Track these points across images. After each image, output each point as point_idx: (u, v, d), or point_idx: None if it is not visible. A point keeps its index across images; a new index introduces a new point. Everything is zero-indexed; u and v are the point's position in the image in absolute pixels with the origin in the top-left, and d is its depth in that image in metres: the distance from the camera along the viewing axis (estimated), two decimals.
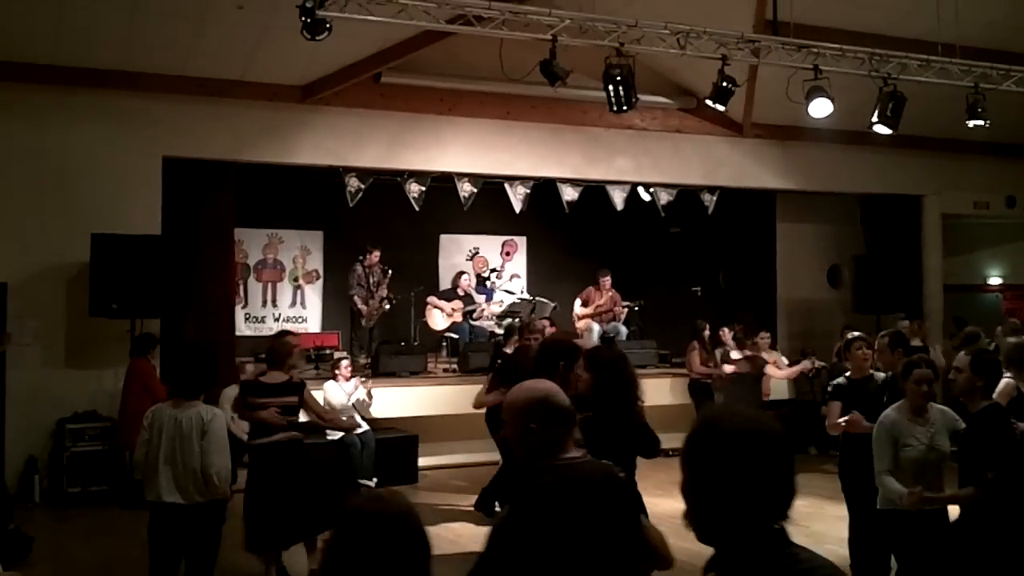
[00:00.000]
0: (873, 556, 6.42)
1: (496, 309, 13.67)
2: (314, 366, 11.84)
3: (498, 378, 8.67)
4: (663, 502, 5.23)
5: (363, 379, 10.66)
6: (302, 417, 7.22)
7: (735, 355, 11.48)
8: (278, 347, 7.12)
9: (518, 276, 14.42)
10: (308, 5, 7.29)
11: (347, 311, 12.85)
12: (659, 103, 12.95)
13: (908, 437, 5.39)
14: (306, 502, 6.75)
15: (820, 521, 8.93)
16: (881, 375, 6.57)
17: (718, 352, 12.05)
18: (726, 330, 12.13)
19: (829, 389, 6.77)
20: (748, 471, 2.05)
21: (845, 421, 6.44)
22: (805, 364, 11.45)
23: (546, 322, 10.50)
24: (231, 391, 9.75)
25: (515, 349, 9.30)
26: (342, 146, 11.68)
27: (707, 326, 12.18)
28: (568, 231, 14.53)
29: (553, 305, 13.17)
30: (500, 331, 12.86)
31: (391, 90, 11.76)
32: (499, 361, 9.29)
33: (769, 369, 11.10)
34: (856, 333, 6.97)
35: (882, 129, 9.64)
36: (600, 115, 12.12)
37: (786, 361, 12.34)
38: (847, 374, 6.71)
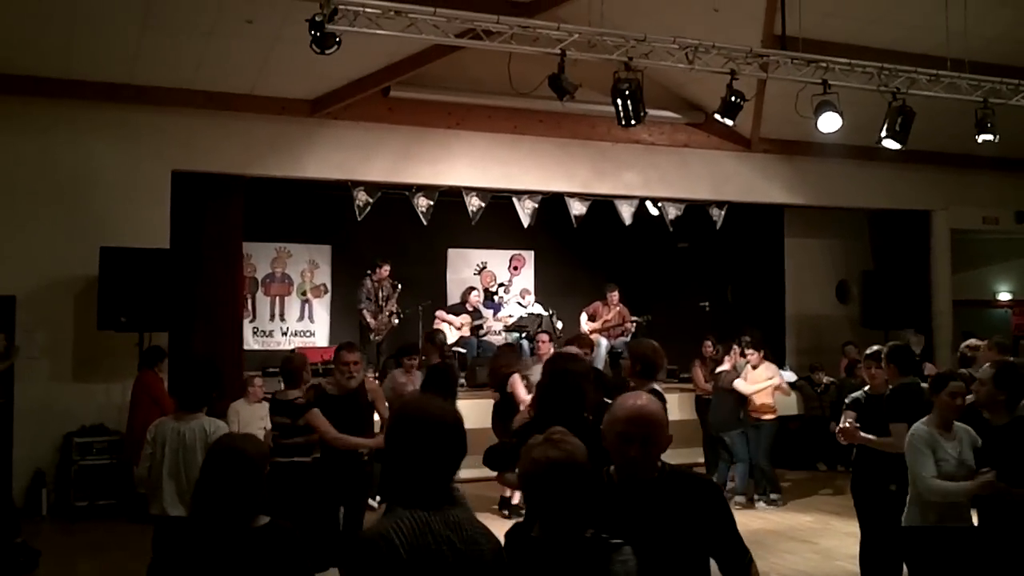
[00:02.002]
0: (884, 573, 6.37)
1: (504, 323, 13.64)
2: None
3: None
4: None
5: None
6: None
7: (719, 369, 11.34)
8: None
9: (528, 292, 14.38)
10: (318, 19, 7.30)
11: (355, 325, 12.84)
12: (667, 118, 12.96)
13: (941, 452, 5.21)
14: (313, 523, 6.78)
15: (830, 537, 8.90)
16: None
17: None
18: (708, 344, 12.07)
19: (847, 401, 6.73)
20: (419, 444, 2.74)
21: (841, 430, 6.42)
22: (775, 381, 11.04)
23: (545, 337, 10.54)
24: (239, 405, 9.75)
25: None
26: (350, 160, 11.70)
27: (710, 342, 12.13)
28: (576, 245, 14.51)
29: (550, 313, 13.17)
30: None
31: (399, 104, 11.78)
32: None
33: (736, 383, 10.87)
34: (875, 348, 6.88)
35: (891, 144, 9.61)
36: (608, 129, 12.13)
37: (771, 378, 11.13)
38: (866, 388, 6.66)
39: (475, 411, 9.61)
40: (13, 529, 7.93)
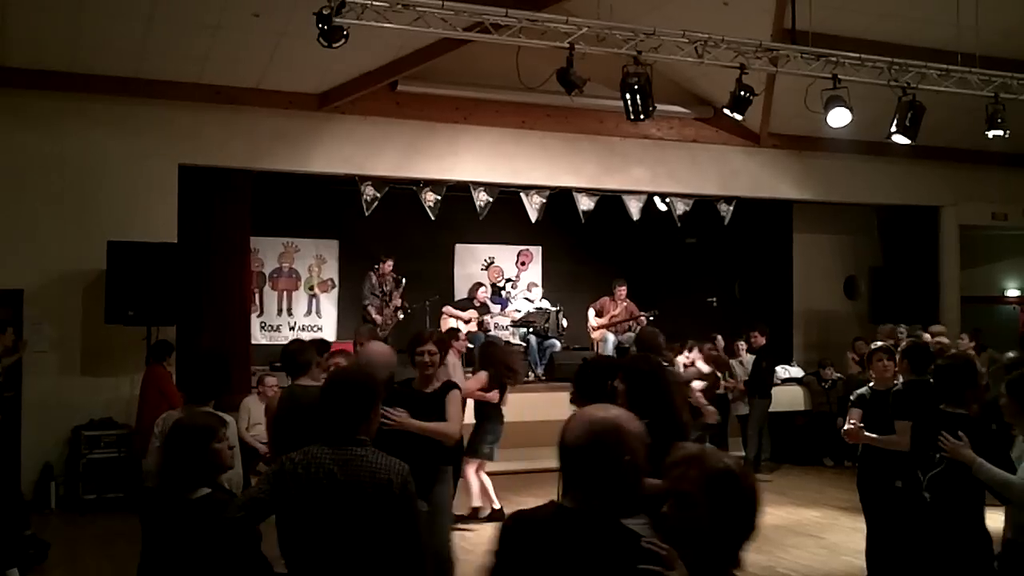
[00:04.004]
0: (891, 568, 6.36)
1: (511, 318, 13.61)
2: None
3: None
4: None
5: None
6: None
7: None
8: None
9: (536, 285, 14.35)
10: (325, 12, 7.29)
11: (362, 320, 12.84)
12: (676, 112, 12.93)
13: None
14: None
15: (836, 532, 8.89)
16: None
17: (733, 362, 12.10)
18: (717, 339, 12.11)
19: (852, 398, 6.72)
20: (336, 398, 3.67)
21: (845, 431, 6.41)
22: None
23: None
24: (250, 401, 9.75)
25: None
26: (358, 154, 11.69)
27: (718, 338, 12.15)
28: (584, 241, 14.49)
29: (557, 309, 13.14)
30: (517, 340, 12.86)
31: (407, 98, 11.77)
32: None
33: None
34: (879, 343, 6.88)
35: (900, 139, 9.59)
36: (616, 124, 12.12)
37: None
38: (871, 384, 6.65)
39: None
40: (22, 521, 7.93)
